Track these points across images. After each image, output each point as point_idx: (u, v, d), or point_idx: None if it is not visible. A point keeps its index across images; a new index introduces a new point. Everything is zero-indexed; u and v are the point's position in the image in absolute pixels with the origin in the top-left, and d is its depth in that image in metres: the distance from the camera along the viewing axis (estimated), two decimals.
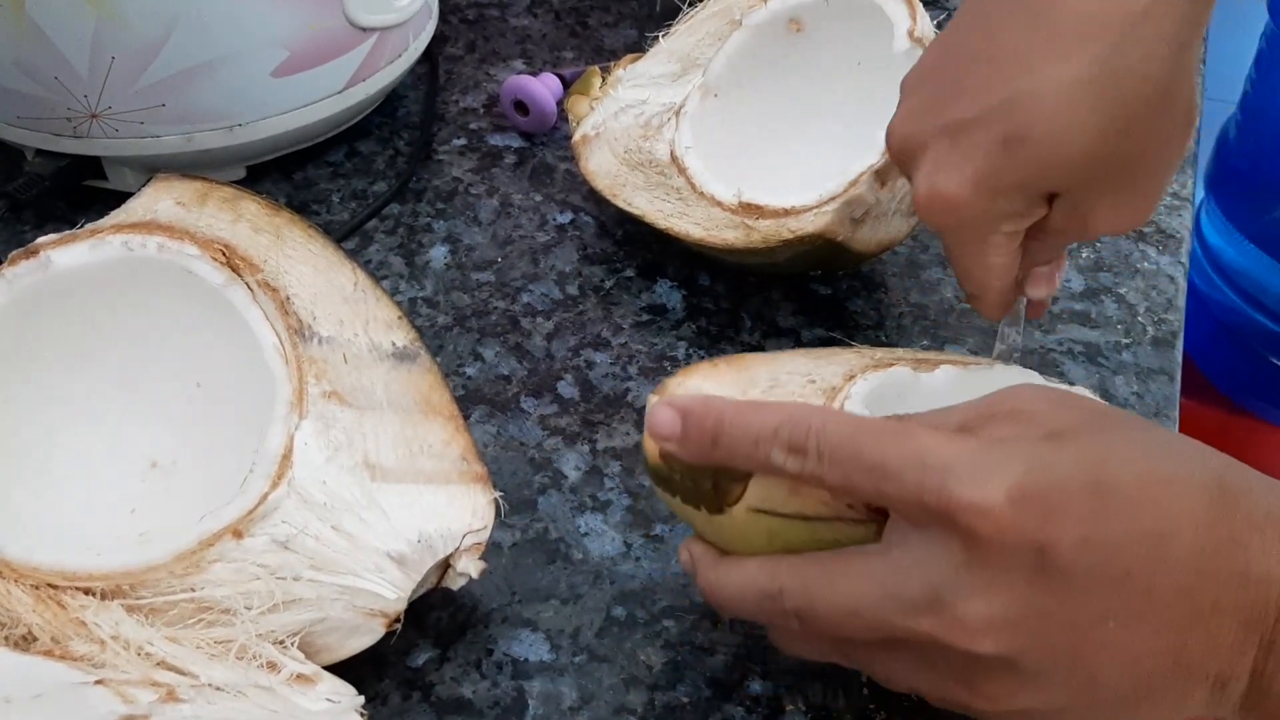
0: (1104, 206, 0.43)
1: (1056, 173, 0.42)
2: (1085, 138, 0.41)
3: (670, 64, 0.65)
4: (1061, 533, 0.32)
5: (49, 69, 0.58)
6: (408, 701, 0.44)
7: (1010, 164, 0.41)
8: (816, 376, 0.44)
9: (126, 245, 0.46)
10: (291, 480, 0.42)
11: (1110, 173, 0.42)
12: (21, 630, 0.39)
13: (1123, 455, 0.34)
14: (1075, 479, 0.32)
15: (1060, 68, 0.40)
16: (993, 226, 0.44)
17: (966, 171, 0.42)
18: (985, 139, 0.41)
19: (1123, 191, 0.43)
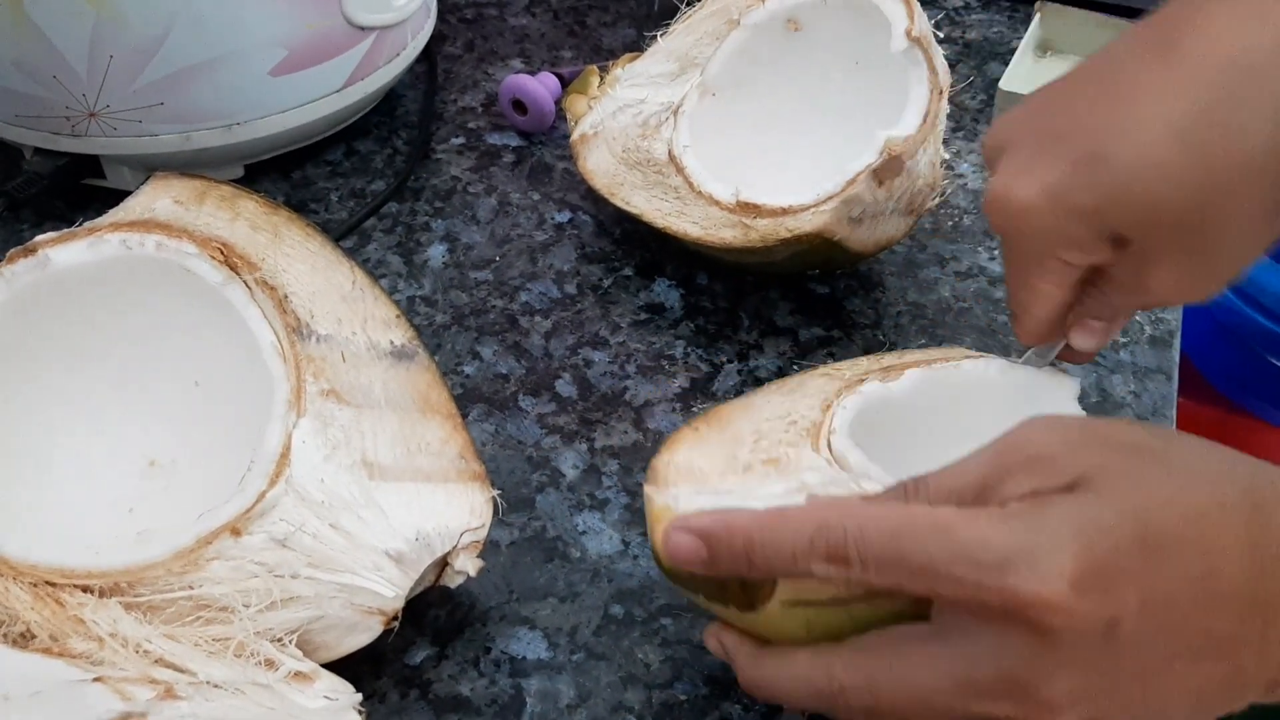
0: (1167, 266, 0.41)
1: (1128, 209, 0.40)
2: (1166, 179, 0.39)
3: (668, 63, 0.65)
4: (1125, 601, 0.32)
5: (47, 68, 0.58)
6: (405, 699, 0.44)
7: (1085, 183, 0.40)
8: (795, 416, 0.44)
9: (125, 243, 0.46)
10: (289, 478, 0.42)
11: (1183, 230, 0.40)
12: (20, 628, 0.39)
13: (1160, 497, 0.33)
14: (1125, 540, 0.32)
15: (1165, 104, 0.39)
16: (1052, 248, 0.42)
17: (1042, 180, 0.41)
18: (1070, 153, 0.40)
19: (1192, 256, 0.41)
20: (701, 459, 0.42)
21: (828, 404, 0.44)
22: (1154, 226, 0.40)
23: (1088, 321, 0.45)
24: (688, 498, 0.40)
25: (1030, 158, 0.41)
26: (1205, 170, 0.39)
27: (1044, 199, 0.41)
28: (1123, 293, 0.44)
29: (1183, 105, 0.39)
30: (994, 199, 0.42)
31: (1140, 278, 0.42)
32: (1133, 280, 0.43)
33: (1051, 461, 0.34)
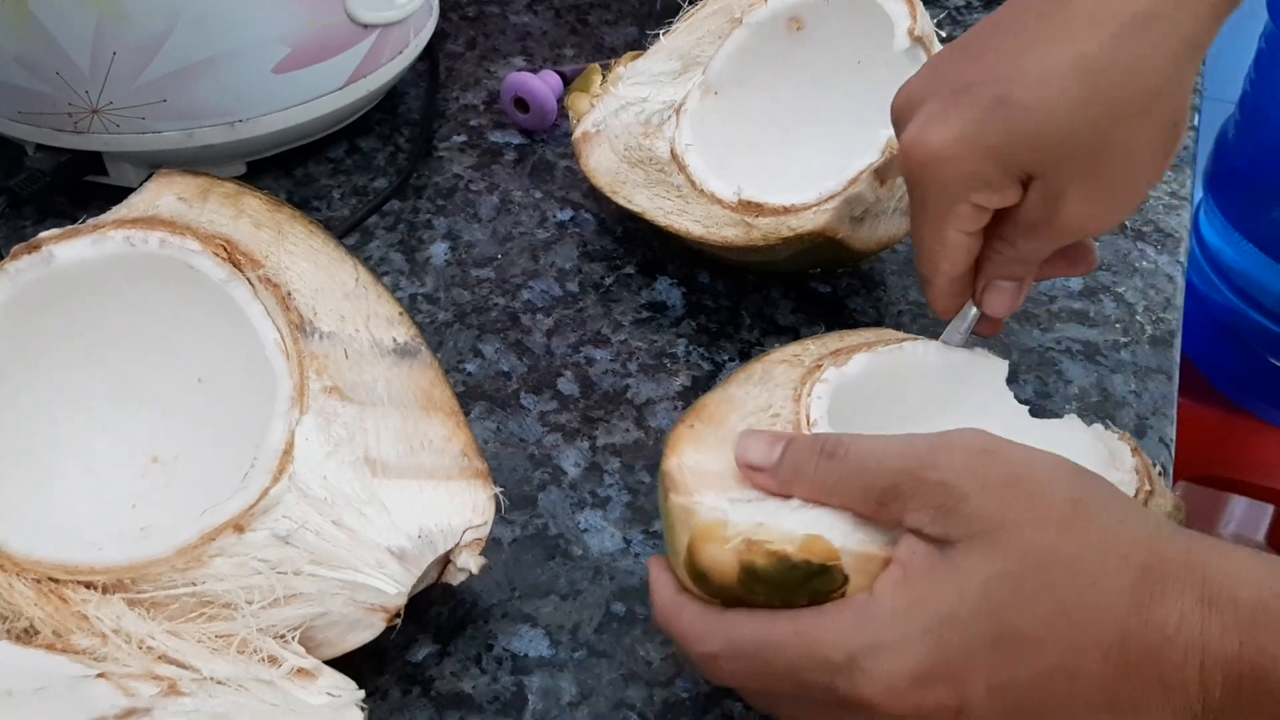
0: (1076, 195, 0.43)
1: (1036, 144, 0.42)
2: (1069, 114, 0.42)
3: (671, 62, 0.65)
4: (970, 691, 0.34)
5: (51, 64, 0.58)
6: (407, 696, 0.44)
7: (994, 124, 0.42)
8: (776, 409, 0.45)
9: (128, 240, 0.46)
10: (292, 475, 0.42)
11: (1087, 160, 0.42)
12: (23, 624, 0.39)
13: (1025, 590, 0.34)
14: (979, 636, 0.34)
15: (1064, 47, 0.42)
16: (963, 192, 0.44)
17: (953, 126, 0.43)
18: (979, 99, 0.43)
19: (1097, 182, 0.43)
20: (708, 460, 0.42)
21: (797, 395, 0.45)
22: (1060, 159, 0.43)
23: (996, 283, 0.48)
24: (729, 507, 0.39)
25: (941, 109, 0.44)
26: (1105, 104, 0.41)
27: (956, 143, 0.43)
28: (1032, 235, 0.45)
29: (1083, 47, 0.41)
30: (907, 148, 0.44)
31: (1049, 212, 0.44)
32: (1042, 217, 0.44)
33: (957, 506, 0.35)
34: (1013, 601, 0.34)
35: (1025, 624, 0.34)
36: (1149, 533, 0.35)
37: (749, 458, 0.40)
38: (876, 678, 0.34)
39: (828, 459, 0.39)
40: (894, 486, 0.36)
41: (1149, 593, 0.33)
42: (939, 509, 0.35)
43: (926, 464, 0.36)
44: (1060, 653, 0.33)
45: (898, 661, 0.34)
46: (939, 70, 0.46)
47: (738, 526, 0.37)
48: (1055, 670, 0.33)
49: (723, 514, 0.37)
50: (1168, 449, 0.55)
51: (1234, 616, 0.33)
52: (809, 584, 0.36)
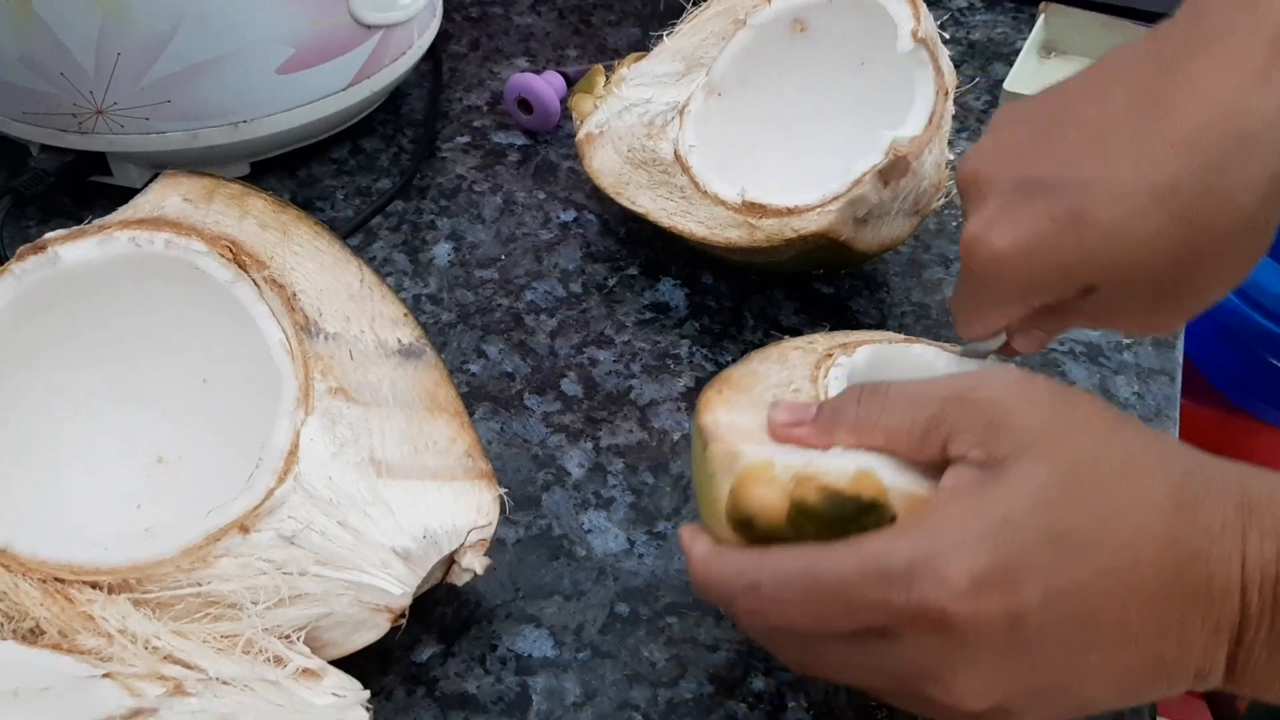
0: (1138, 315, 0.42)
1: (1107, 270, 0.40)
2: (1146, 243, 0.39)
3: (674, 63, 0.65)
4: (1028, 595, 0.33)
5: (55, 65, 0.58)
6: (412, 696, 0.44)
7: (1066, 242, 0.39)
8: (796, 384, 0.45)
9: (134, 241, 0.46)
10: (298, 476, 0.42)
11: (1159, 288, 0.40)
12: (29, 624, 0.39)
13: (1077, 491, 0.34)
14: (1032, 536, 0.33)
15: (1154, 169, 0.38)
16: (1021, 295, 0.42)
17: (1022, 233, 0.40)
18: (1052, 207, 0.39)
19: (1164, 306, 0.41)
20: (741, 419, 0.41)
21: (813, 377, 0.45)
22: (1129, 282, 0.40)
23: (1033, 331, 0.46)
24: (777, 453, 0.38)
25: (1010, 205, 0.41)
26: (1186, 237, 0.38)
27: (1022, 252, 0.40)
28: (1083, 323, 0.44)
29: (1170, 169, 0.38)
30: (971, 244, 0.41)
31: (1106, 318, 0.43)
32: (1098, 319, 0.43)
33: (1004, 420, 0.35)
34: (1066, 502, 0.34)
35: (1079, 522, 0.33)
36: (1184, 449, 0.36)
37: (783, 419, 0.40)
38: (935, 581, 0.33)
39: (871, 395, 0.39)
40: (940, 413, 0.37)
41: (1193, 494, 0.34)
42: (987, 427, 0.35)
43: (974, 388, 0.37)
44: (1114, 550, 0.33)
45: (957, 562, 0.33)
46: (1012, 149, 0.42)
47: (786, 465, 0.36)
48: (1110, 569, 0.33)
49: (769, 455, 0.37)
50: None
51: (1273, 522, 0.33)
52: (859, 520, 0.35)
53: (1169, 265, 0.39)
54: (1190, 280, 0.40)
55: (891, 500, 0.36)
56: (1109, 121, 0.40)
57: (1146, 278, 0.40)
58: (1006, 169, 0.41)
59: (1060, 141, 0.40)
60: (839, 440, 0.39)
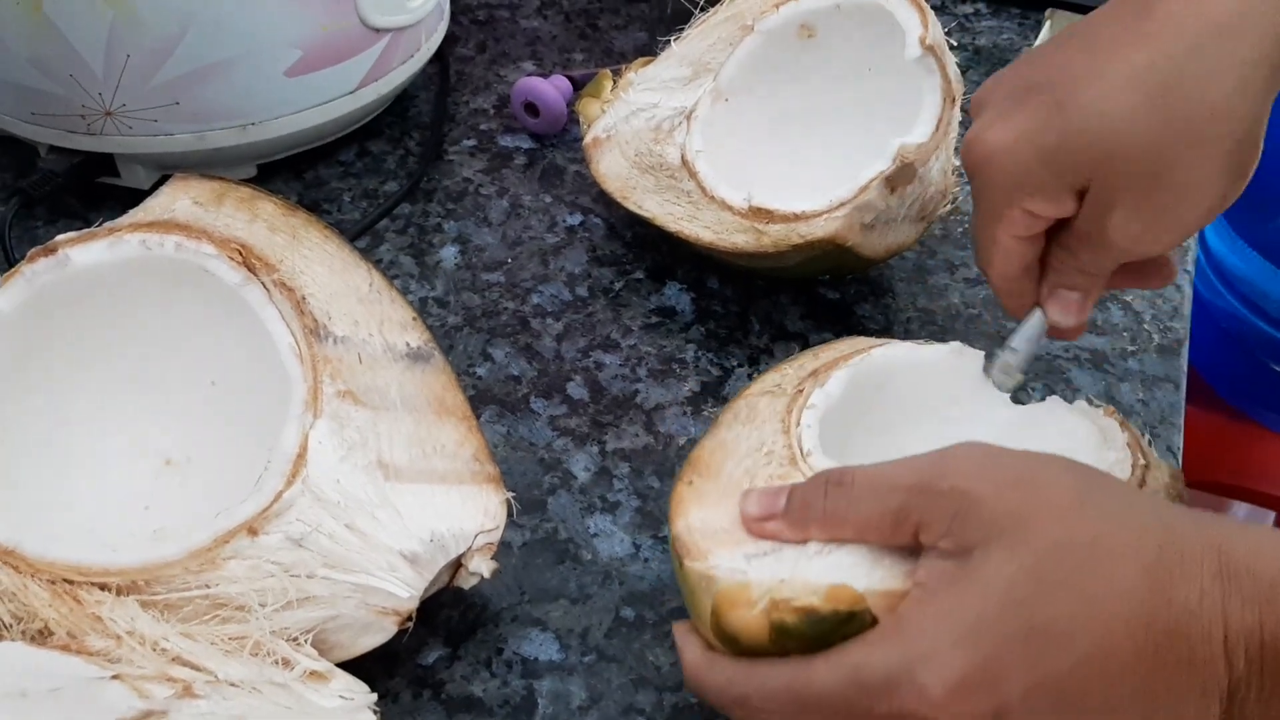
0: (1125, 210, 0.42)
1: (1089, 149, 0.41)
2: (1126, 122, 0.41)
3: (681, 68, 0.65)
4: (1008, 693, 0.33)
5: (64, 66, 0.58)
6: (418, 699, 0.44)
7: (1051, 125, 0.42)
8: (768, 445, 0.45)
9: (144, 244, 0.46)
10: (306, 478, 0.42)
11: (1141, 174, 0.41)
12: (38, 625, 0.40)
13: (1049, 582, 0.34)
14: (1008, 633, 0.34)
15: (1133, 54, 0.41)
16: (1016, 195, 0.44)
17: (1012, 127, 0.43)
18: (1042, 101, 0.42)
19: (1148, 199, 0.42)
20: (714, 515, 0.41)
21: (785, 427, 0.45)
22: (1112, 170, 0.41)
23: (1060, 292, 0.46)
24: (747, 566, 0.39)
25: (1006, 108, 0.44)
26: (1164, 118, 0.40)
27: (1012, 143, 0.43)
28: (1086, 247, 0.45)
29: (1148, 55, 0.40)
30: (967, 145, 0.45)
31: (1100, 226, 0.43)
32: (1094, 230, 0.43)
33: (971, 509, 0.35)
34: (1037, 596, 0.34)
35: (1053, 617, 0.34)
36: (1159, 515, 0.36)
37: (754, 513, 0.40)
38: (914, 692, 0.33)
39: (836, 487, 0.39)
40: (907, 504, 0.37)
41: (1168, 572, 0.34)
42: (954, 517, 0.35)
43: (936, 475, 0.37)
44: (1091, 641, 0.33)
45: (934, 671, 0.33)
46: (1015, 70, 0.46)
47: (761, 586, 0.37)
48: (1089, 659, 0.33)
49: (743, 575, 0.38)
50: (1175, 457, 0.55)
51: (1253, 588, 0.33)
52: (840, 632, 0.36)
53: (1147, 147, 0.40)
54: (1172, 170, 0.41)
55: (870, 604, 0.36)
56: (1097, 29, 0.43)
57: (1128, 162, 0.41)
58: (1008, 84, 0.45)
59: (1055, 53, 0.44)
60: (812, 535, 0.39)
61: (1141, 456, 0.44)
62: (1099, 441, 0.45)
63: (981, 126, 0.44)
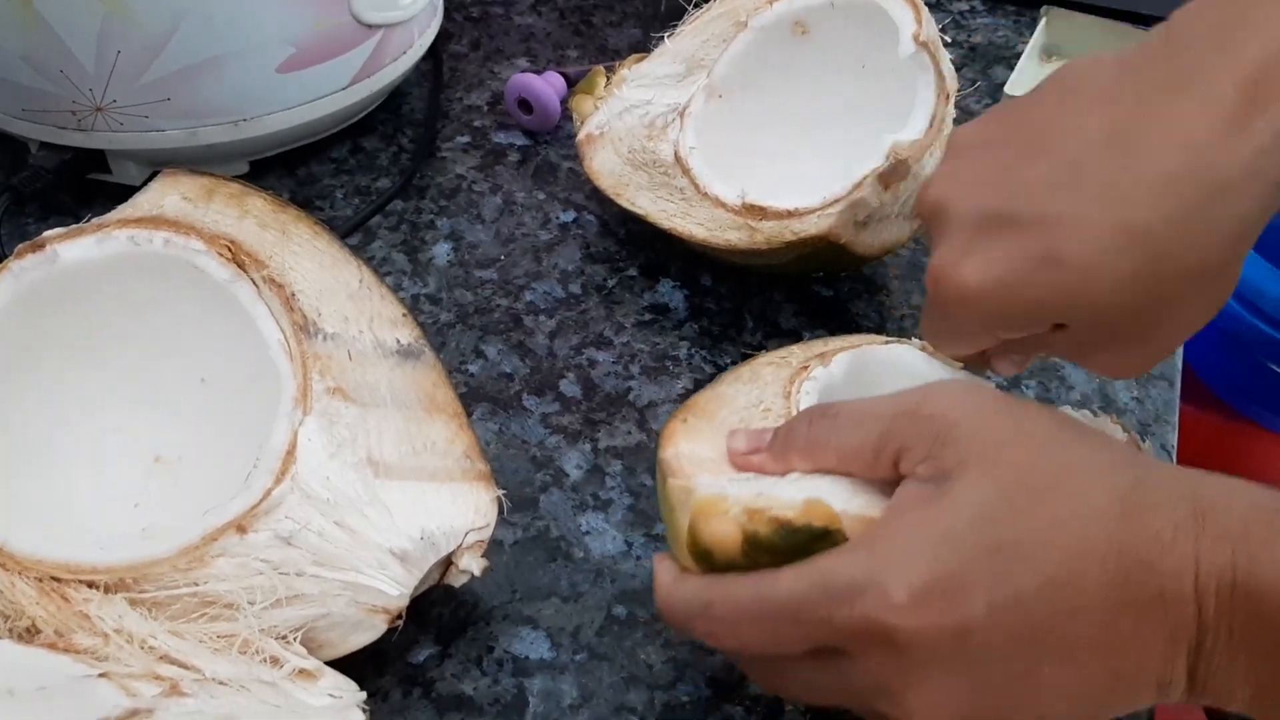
0: (1107, 354, 0.42)
1: (1078, 310, 0.40)
2: (1120, 287, 0.38)
3: (675, 65, 0.65)
4: (972, 608, 0.33)
5: (55, 62, 0.58)
6: (408, 698, 0.44)
7: (1038, 281, 0.39)
8: (766, 404, 0.45)
9: (133, 240, 0.46)
10: (295, 476, 0.42)
11: (1128, 329, 0.40)
12: (25, 623, 0.39)
13: (1019, 503, 0.34)
14: (974, 549, 0.34)
15: (1125, 213, 0.38)
16: (991, 328, 0.42)
17: (993, 271, 0.39)
18: (1023, 246, 0.39)
19: (1132, 348, 0.41)
20: (703, 448, 0.42)
21: (786, 392, 0.45)
22: (1097, 324, 0.40)
23: (1010, 355, 0.46)
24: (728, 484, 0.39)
25: (977, 239, 0.40)
26: (1157, 280, 0.38)
27: (993, 288, 0.39)
28: (1051, 353, 0.45)
29: (1143, 213, 0.37)
30: (940, 276, 0.41)
31: (1075, 355, 0.43)
32: (1067, 354, 0.44)
33: (950, 433, 0.36)
34: (1007, 514, 0.34)
35: (1021, 534, 0.34)
36: (1135, 457, 0.36)
37: (741, 448, 0.41)
38: (876, 596, 0.33)
39: (821, 417, 0.39)
40: (889, 430, 0.37)
41: (1141, 501, 0.34)
42: (934, 441, 0.36)
43: (919, 403, 0.38)
44: (1058, 561, 0.33)
45: (898, 577, 0.33)
46: (976, 177, 0.41)
47: (738, 498, 0.37)
48: (1054, 580, 0.33)
49: (721, 489, 0.38)
50: (1169, 455, 0.55)
51: (1226, 524, 0.33)
52: (811, 548, 0.36)
53: (1139, 308, 0.39)
54: (1159, 322, 0.40)
55: (844, 525, 0.36)
56: (1081, 157, 0.39)
57: (1117, 318, 0.39)
58: (973, 199, 0.40)
59: (1030, 174, 0.39)
60: (794, 465, 0.39)
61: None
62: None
63: (952, 258, 0.40)
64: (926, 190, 0.43)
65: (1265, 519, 0.33)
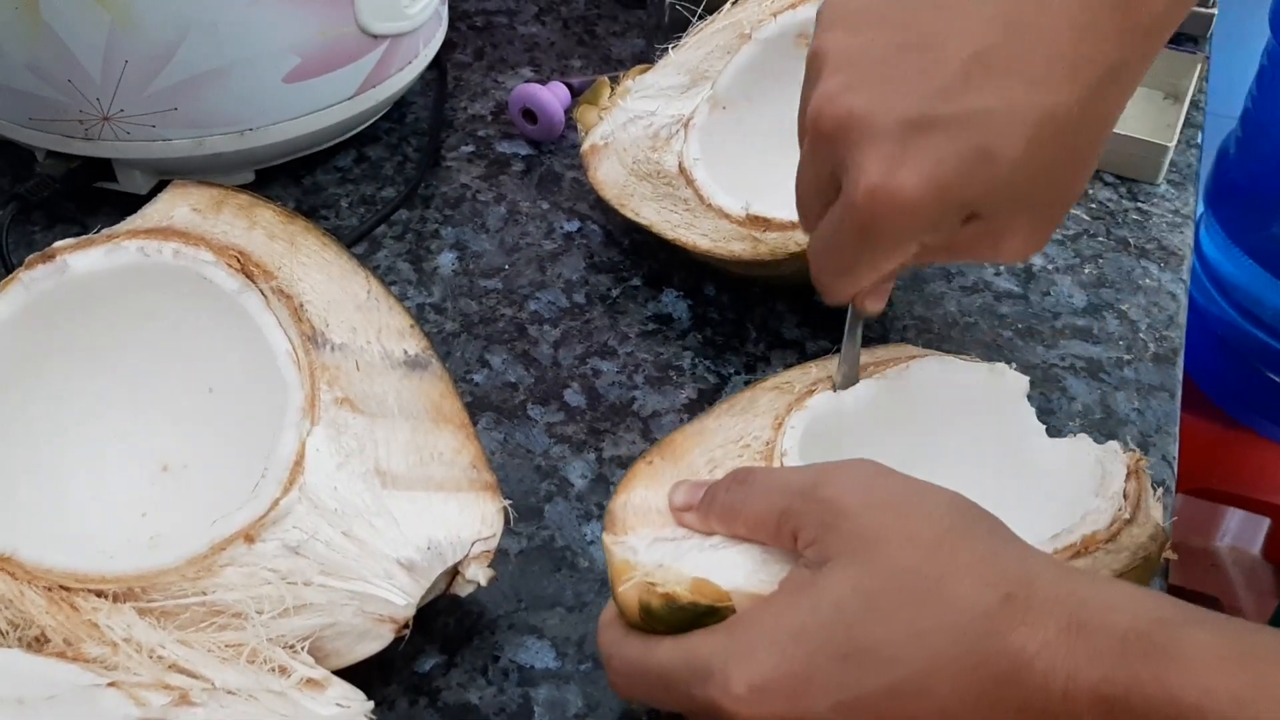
0: (1021, 232, 0.42)
1: (1008, 195, 0.40)
2: (1041, 170, 0.40)
3: (679, 76, 0.65)
4: (812, 706, 0.34)
5: (62, 72, 0.58)
6: (414, 707, 0.44)
7: (975, 178, 0.39)
8: (748, 439, 0.46)
9: (142, 251, 0.46)
10: (303, 486, 0.42)
11: (1045, 209, 0.42)
12: (35, 632, 0.40)
13: (882, 608, 0.34)
14: (820, 651, 0.34)
15: (1043, 98, 0.39)
16: (919, 236, 0.41)
17: (929, 174, 0.39)
18: (955, 145, 0.39)
19: (1041, 228, 0.43)
20: (657, 496, 0.43)
21: (779, 421, 0.45)
22: (1019, 205, 0.41)
23: (883, 286, 0.46)
24: (645, 548, 0.41)
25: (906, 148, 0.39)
26: (1071, 157, 0.40)
27: (934, 193, 0.39)
28: (962, 256, 0.45)
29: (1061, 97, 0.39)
30: (872, 194, 0.39)
31: (990, 242, 0.43)
32: (982, 245, 0.43)
33: (837, 522, 0.36)
34: (866, 618, 0.34)
35: (876, 641, 0.34)
36: (1023, 566, 0.35)
37: (678, 502, 0.42)
38: (720, 683, 0.35)
39: (737, 484, 0.40)
40: (789, 508, 0.38)
41: (1009, 619, 0.33)
42: (821, 527, 0.36)
43: (818, 484, 0.38)
44: (910, 672, 0.33)
45: (742, 668, 0.35)
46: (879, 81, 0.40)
47: (643, 567, 0.39)
48: (904, 688, 0.33)
49: (633, 554, 0.40)
50: (1170, 466, 0.55)
51: (1105, 642, 0.32)
52: (701, 622, 0.38)
53: (1059, 186, 0.41)
54: (1069, 197, 0.42)
55: (735, 601, 0.38)
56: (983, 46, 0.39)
57: (1040, 200, 0.41)
58: (891, 108, 0.39)
59: (940, 73, 0.39)
60: (714, 528, 0.41)
61: (1128, 511, 0.44)
62: (1092, 487, 0.45)
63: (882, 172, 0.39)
64: (825, 107, 0.40)
65: (1148, 632, 0.33)
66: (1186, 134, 0.76)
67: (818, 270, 0.45)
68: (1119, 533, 0.43)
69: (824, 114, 0.40)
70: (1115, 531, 0.43)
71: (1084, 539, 0.42)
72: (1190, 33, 0.84)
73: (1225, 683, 0.31)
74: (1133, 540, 0.43)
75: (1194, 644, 0.32)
